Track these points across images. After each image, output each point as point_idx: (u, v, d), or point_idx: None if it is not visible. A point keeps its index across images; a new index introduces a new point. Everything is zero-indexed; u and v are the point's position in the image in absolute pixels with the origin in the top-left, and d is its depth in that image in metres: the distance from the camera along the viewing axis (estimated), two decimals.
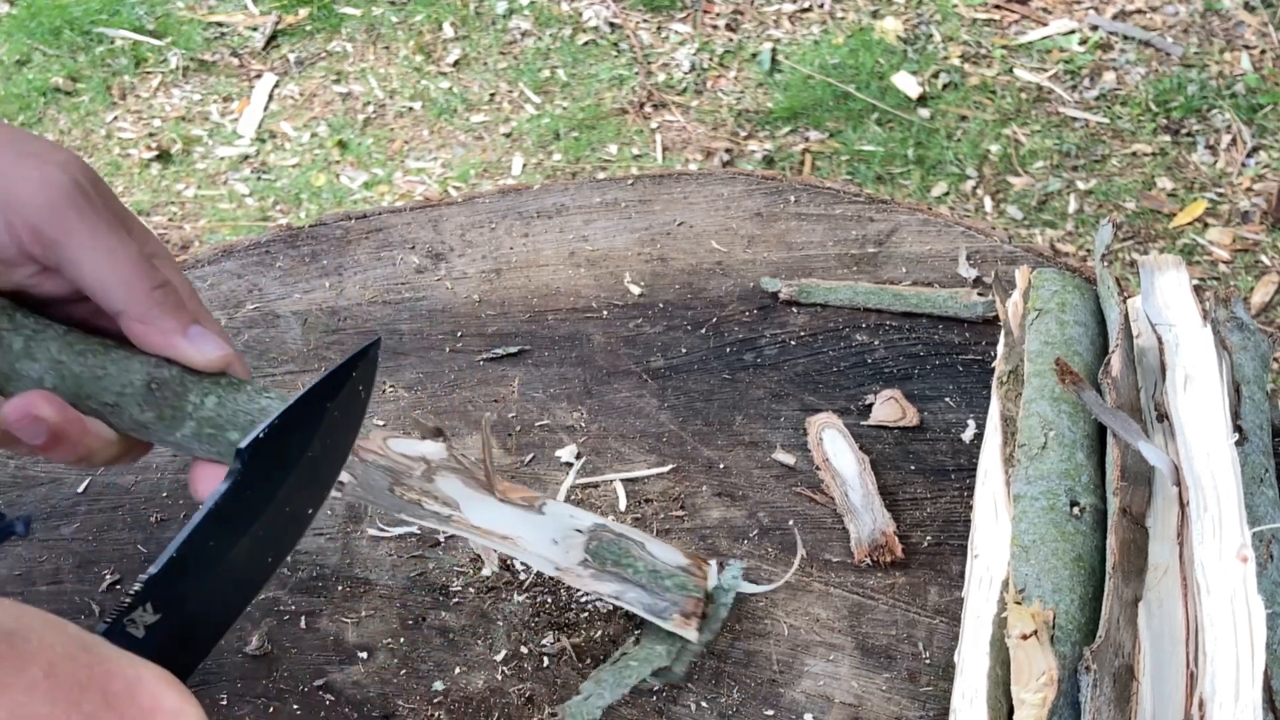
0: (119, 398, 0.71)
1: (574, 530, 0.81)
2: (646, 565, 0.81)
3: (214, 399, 0.73)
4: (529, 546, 0.79)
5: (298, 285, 1.13)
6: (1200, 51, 2.84)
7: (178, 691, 0.54)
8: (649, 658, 0.81)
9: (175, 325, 0.70)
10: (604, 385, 1.04)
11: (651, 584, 0.80)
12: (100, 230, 0.68)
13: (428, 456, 0.79)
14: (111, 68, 2.89)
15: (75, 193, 0.67)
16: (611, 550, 0.80)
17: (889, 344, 1.07)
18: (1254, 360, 0.95)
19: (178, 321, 0.70)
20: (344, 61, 2.92)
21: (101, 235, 0.68)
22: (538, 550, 0.79)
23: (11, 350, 0.70)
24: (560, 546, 0.80)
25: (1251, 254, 2.40)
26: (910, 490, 0.96)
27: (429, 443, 0.80)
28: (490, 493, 0.80)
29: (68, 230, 0.67)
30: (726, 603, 0.86)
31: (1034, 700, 0.71)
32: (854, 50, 2.86)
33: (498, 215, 1.20)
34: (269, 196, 2.59)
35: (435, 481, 0.79)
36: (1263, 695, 0.70)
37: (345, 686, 0.84)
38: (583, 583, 0.79)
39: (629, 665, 0.81)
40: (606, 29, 2.97)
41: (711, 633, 0.84)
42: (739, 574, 0.87)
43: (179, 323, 0.70)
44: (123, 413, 0.72)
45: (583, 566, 0.79)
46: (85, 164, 0.71)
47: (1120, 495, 0.82)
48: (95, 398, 0.71)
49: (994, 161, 2.61)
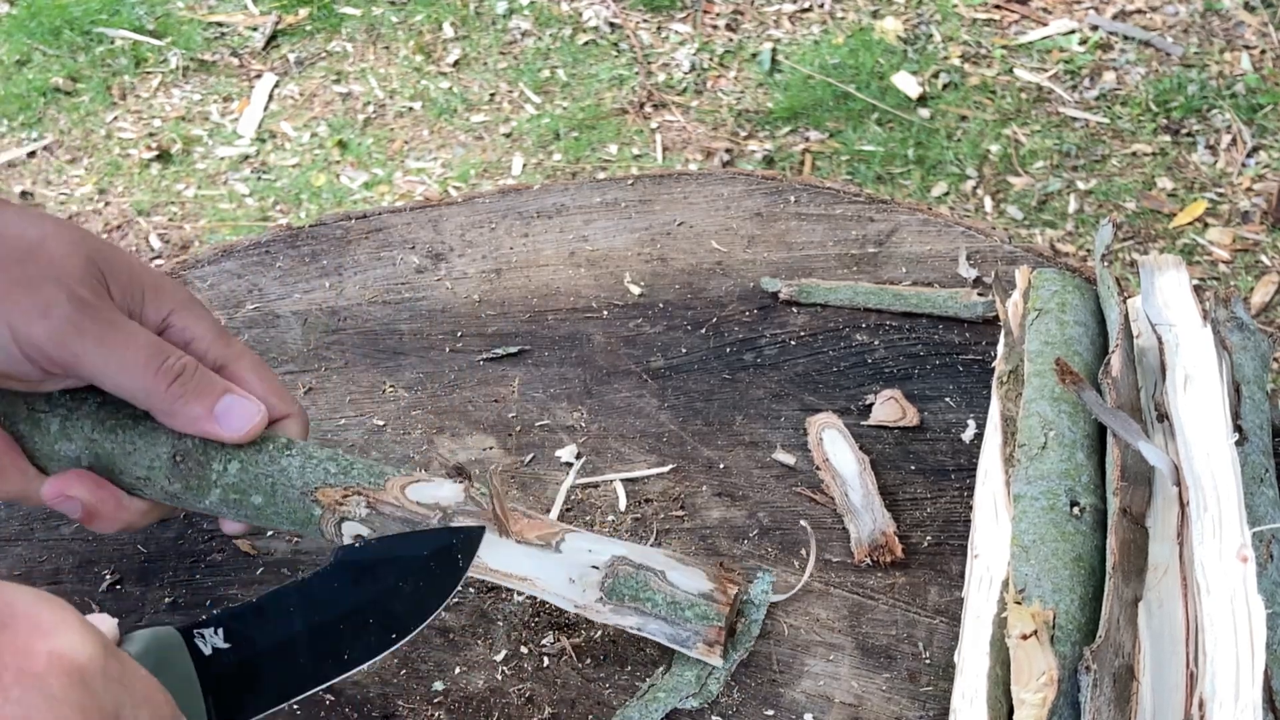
0: (149, 471, 0.75)
1: (590, 567, 0.80)
2: (665, 597, 0.80)
3: (236, 464, 0.75)
4: (547, 586, 0.79)
5: (298, 285, 1.13)
6: (1200, 51, 2.84)
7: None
8: (677, 686, 0.81)
9: (200, 412, 0.73)
10: (604, 385, 1.04)
11: (672, 615, 0.80)
12: (106, 342, 0.69)
13: (442, 504, 0.79)
14: (111, 68, 2.89)
15: (76, 314, 0.68)
16: (629, 585, 0.80)
17: (889, 344, 1.07)
18: (1254, 360, 0.95)
19: (203, 406, 0.73)
20: (344, 61, 2.92)
21: (109, 349, 0.69)
22: (555, 590, 0.79)
23: (49, 433, 0.75)
24: (577, 585, 0.79)
25: (1251, 254, 2.40)
26: (910, 490, 0.96)
27: (447, 484, 0.80)
28: (506, 535, 0.80)
29: (75, 356, 0.69)
30: (758, 619, 0.85)
31: (1034, 700, 0.71)
32: (854, 50, 2.86)
33: (498, 215, 1.20)
34: (269, 196, 2.59)
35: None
36: (1263, 695, 0.70)
37: (345, 686, 0.84)
38: (603, 618, 0.79)
39: (656, 697, 0.81)
40: (606, 29, 2.97)
41: (745, 650, 0.84)
42: (768, 587, 0.87)
43: (204, 407, 0.73)
44: (154, 485, 0.76)
45: (600, 604, 0.79)
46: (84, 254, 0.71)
47: (1120, 495, 0.82)
48: (128, 473, 0.76)
49: (994, 161, 2.61)
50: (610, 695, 0.83)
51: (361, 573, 0.70)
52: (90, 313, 0.69)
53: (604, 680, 0.84)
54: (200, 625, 0.62)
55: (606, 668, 0.84)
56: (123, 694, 0.52)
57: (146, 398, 0.71)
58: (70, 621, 0.52)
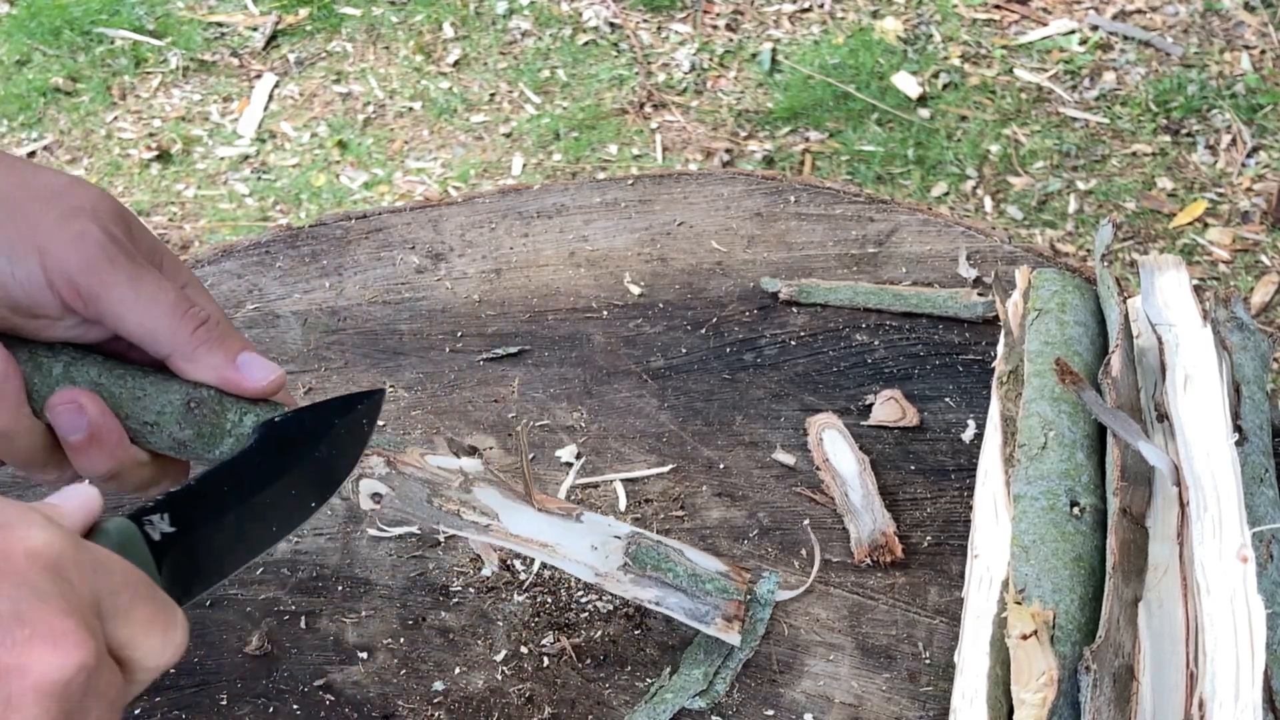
0: (159, 416, 0.74)
1: (613, 536, 0.80)
2: (686, 569, 0.80)
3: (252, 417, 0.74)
4: (568, 553, 0.79)
5: (298, 285, 1.13)
6: (1200, 51, 2.84)
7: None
8: (685, 685, 0.81)
9: (224, 359, 0.72)
10: (604, 385, 1.04)
11: (692, 587, 0.80)
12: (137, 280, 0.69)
13: (465, 469, 0.79)
14: (111, 68, 2.89)
15: (109, 245, 0.68)
16: (651, 555, 0.80)
17: (889, 344, 1.07)
18: (1254, 360, 0.95)
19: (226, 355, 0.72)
20: (344, 61, 2.92)
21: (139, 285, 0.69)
22: (577, 556, 0.79)
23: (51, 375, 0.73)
24: (600, 552, 0.79)
25: (1251, 254, 2.40)
26: (910, 490, 0.96)
27: (466, 459, 0.80)
28: (529, 503, 0.80)
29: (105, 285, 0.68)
30: (763, 616, 0.86)
31: (1034, 700, 0.71)
32: (854, 50, 2.86)
33: (498, 215, 1.20)
34: (269, 196, 2.59)
35: (473, 492, 0.79)
36: (1263, 695, 0.70)
37: (345, 686, 0.84)
38: (623, 588, 0.79)
39: (664, 699, 0.81)
40: (606, 29, 2.97)
41: (750, 647, 0.84)
42: (775, 586, 0.87)
43: (227, 356, 0.72)
44: (162, 431, 0.74)
45: (623, 571, 0.79)
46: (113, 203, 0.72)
47: (1120, 495, 0.82)
48: (135, 417, 0.74)
49: (994, 161, 2.61)
50: (610, 695, 0.83)
51: (283, 446, 0.71)
52: (123, 249, 0.69)
53: (604, 680, 0.84)
54: (148, 512, 0.64)
55: (606, 668, 0.84)
56: (98, 582, 0.53)
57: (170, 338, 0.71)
58: (35, 519, 0.52)
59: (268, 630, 0.87)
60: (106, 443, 0.72)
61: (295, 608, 0.88)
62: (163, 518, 0.63)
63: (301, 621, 0.88)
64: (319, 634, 0.87)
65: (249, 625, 0.87)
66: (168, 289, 0.71)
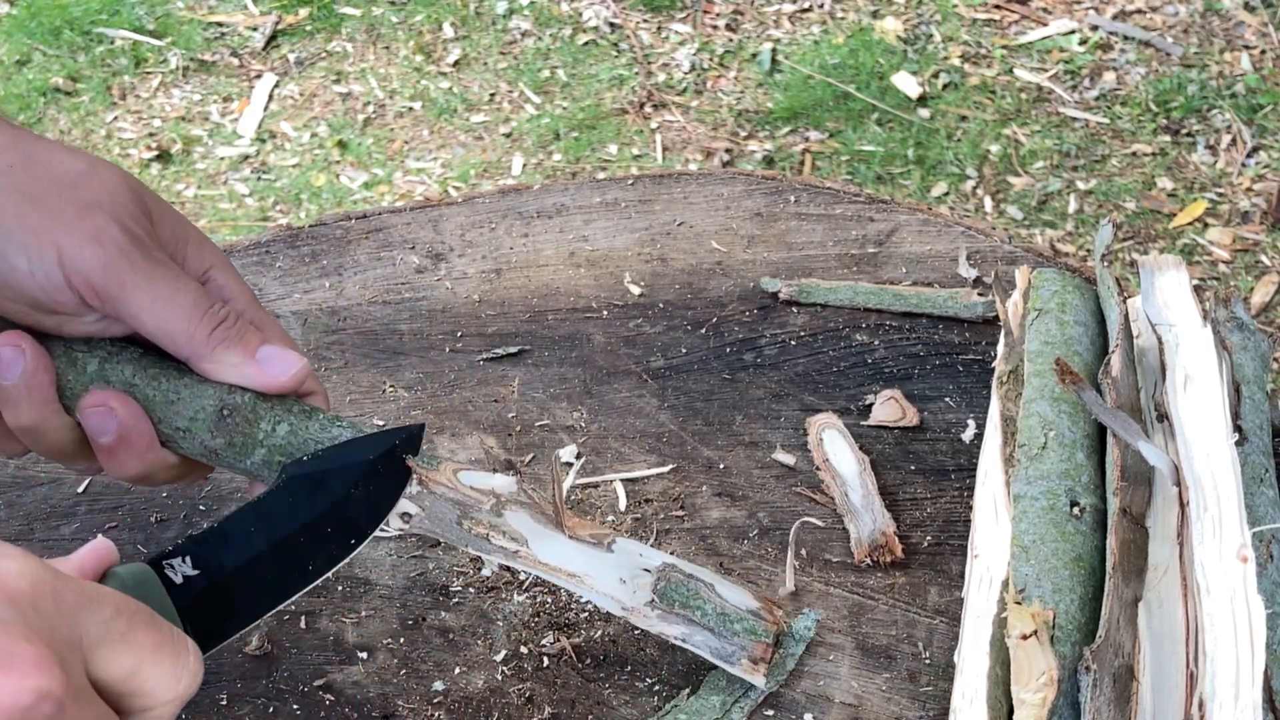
0: (191, 423, 0.72)
1: (642, 570, 0.79)
2: (715, 608, 0.79)
3: (286, 426, 0.73)
4: (596, 585, 0.78)
5: (298, 285, 1.13)
6: (1200, 51, 2.84)
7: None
8: (701, 710, 0.80)
9: (242, 357, 0.71)
10: (604, 385, 1.04)
11: (720, 627, 0.79)
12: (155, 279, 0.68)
13: (497, 490, 0.77)
14: (111, 68, 2.89)
15: (127, 244, 0.67)
16: (680, 591, 0.79)
17: (889, 344, 1.07)
18: (1254, 360, 0.95)
19: (244, 353, 0.71)
20: (344, 61, 2.92)
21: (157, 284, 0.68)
22: (605, 589, 0.78)
23: (86, 371, 0.71)
24: (628, 586, 0.78)
25: (1251, 254, 2.40)
26: (910, 490, 0.96)
27: (500, 476, 0.78)
28: (559, 529, 0.79)
29: (122, 287, 0.67)
30: (795, 652, 0.84)
31: (1034, 700, 0.71)
32: (854, 50, 2.86)
33: (498, 215, 1.20)
34: (269, 196, 2.59)
35: (504, 516, 0.77)
36: (1263, 695, 0.70)
37: (345, 686, 0.84)
38: (649, 624, 0.78)
39: (678, 719, 0.80)
40: (606, 29, 2.98)
41: (776, 682, 0.82)
42: (813, 625, 0.86)
43: (245, 353, 0.71)
44: (194, 438, 0.73)
45: (650, 607, 0.78)
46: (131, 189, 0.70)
47: (1120, 495, 0.82)
48: (168, 422, 0.72)
49: (994, 161, 2.61)
50: (610, 695, 0.83)
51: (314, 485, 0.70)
52: (141, 247, 0.67)
53: (604, 680, 0.84)
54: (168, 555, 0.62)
55: (606, 668, 0.84)
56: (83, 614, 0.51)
57: (188, 340, 0.69)
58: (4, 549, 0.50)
59: (268, 630, 0.87)
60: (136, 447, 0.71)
61: (295, 608, 0.88)
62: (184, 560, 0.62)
63: (301, 621, 0.88)
64: (319, 634, 0.87)
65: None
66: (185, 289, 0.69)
